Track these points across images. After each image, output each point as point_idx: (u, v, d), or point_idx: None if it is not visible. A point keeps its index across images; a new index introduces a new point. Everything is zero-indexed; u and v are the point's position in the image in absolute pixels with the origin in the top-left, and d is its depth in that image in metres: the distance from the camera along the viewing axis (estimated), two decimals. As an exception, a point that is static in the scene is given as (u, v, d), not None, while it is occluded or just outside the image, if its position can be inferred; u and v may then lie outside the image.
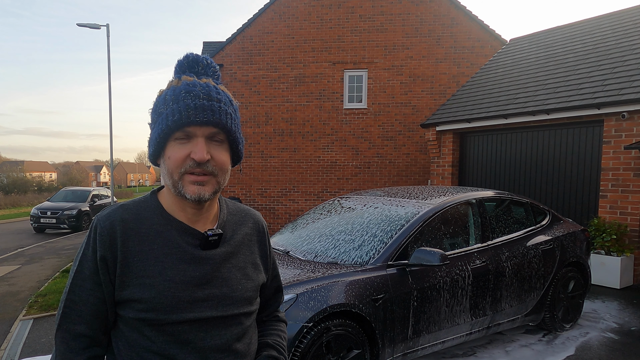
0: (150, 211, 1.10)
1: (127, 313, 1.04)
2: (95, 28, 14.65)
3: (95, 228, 1.06)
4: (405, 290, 3.40)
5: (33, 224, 15.24)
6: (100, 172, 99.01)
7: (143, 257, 1.05)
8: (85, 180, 73.15)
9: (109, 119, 15.01)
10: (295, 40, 12.61)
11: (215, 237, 1.09)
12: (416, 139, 12.40)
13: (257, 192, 13.00)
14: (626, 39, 8.13)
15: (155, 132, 1.05)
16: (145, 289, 1.03)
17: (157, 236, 1.07)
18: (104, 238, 1.04)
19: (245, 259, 1.18)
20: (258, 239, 1.25)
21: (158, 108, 1.05)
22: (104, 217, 1.07)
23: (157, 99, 1.07)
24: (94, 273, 1.04)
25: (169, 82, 1.08)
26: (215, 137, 1.05)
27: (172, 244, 1.07)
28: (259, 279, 1.21)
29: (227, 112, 1.05)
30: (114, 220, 1.06)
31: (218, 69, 1.13)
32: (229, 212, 1.22)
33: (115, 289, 1.04)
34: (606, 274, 6.43)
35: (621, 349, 4.25)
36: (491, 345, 4.34)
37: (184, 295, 1.04)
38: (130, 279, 1.04)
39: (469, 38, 12.16)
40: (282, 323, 1.36)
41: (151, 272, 1.04)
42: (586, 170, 7.52)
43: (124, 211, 1.08)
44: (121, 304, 1.05)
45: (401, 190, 4.71)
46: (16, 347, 4.71)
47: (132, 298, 1.03)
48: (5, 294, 7.07)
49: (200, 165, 1.02)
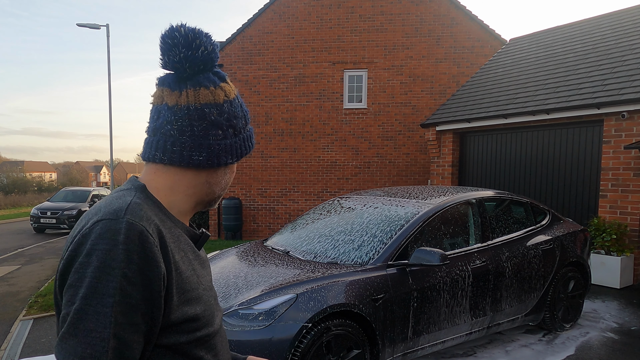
0: (162, 211, 0.90)
1: (179, 338, 0.84)
2: (95, 28, 14.65)
3: (141, 234, 0.77)
4: (405, 290, 3.40)
5: (33, 224, 15.24)
6: (100, 172, 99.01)
7: (184, 265, 0.88)
8: (85, 180, 73.12)
9: (109, 119, 15.01)
10: (295, 40, 12.61)
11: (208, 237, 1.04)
12: (416, 139, 12.40)
13: (257, 192, 13.00)
14: (626, 38, 8.13)
15: (239, 146, 0.98)
16: (195, 302, 0.88)
17: (180, 239, 0.90)
18: (155, 248, 0.79)
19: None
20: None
21: (237, 114, 0.99)
22: (140, 219, 0.80)
23: (235, 100, 0.99)
24: (154, 297, 0.78)
25: (230, 84, 1.01)
26: None
27: (189, 248, 0.94)
28: None
29: None
30: (152, 222, 0.82)
31: None
32: None
33: (173, 309, 0.82)
34: (606, 274, 6.43)
35: (621, 349, 4.25)
36: (491, 345, 4.34)
37: (213, 302, 0.96)
38: (186, 291, 0.86)
39: (469, 38, 12.16)
40: None
41: (194, 282, 0.89)
42: (586, 170, 7.52)
43: (148, 210, 0.84)
44: (170, 328, 0.83)
45: (401, 190, 4.71)
46: (16, 347, 4.71)
47: (187, 317, 0.85)
48: (5, 294, 7.07)
49: None
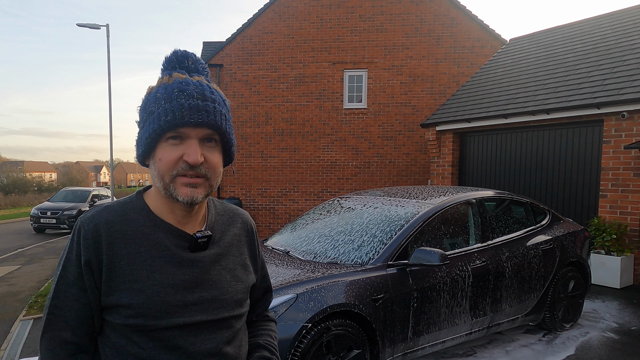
0: (137, 212, 1.06)
1: (115, 319, 1.00)
2: (95, 28, 14.65)
3: (79, 231, 1.01)
4: (406, 290, 3.40)
5: (33, 224, 15.23)
6: (100, 172, 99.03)
7: (130, 260, 1.00)
8: (85, 180, 73.17)
9: (109, 119, 15.01)
10: (295, 40, 12.61)
11: (205, 239, 1.07)
12: (416, 139, 12.39)
13: (257, 192, 13.00)
14: (626, 38, 8.12)
15: (145, 132, 1.00)
16: (133, 294, 0.99)
17: (145, 238, 1.03)
18: (88, 241, 1.00)
19: (235, 260, 1.15)
20: (247, 239, 1.23)
21: (148, 106, 0.99)
22: (88, 219, 1.02)
23: (146, 96, 1.01)
24: (79, 278, 1.00)
25: (158, 79, 1.03)
26: (208, 139, 1.02)
27: (160, 247, 1.03)
28: (248, 280, 1.18)
29: (221, 112, 1.01)
30: (99, 222, 1.02)
31: (206, 66, 1.09)
32: (217, 212, 1.19)
33: (102, 294, 1.00)
34: (606, 274, 6.43)
35: (621, 349, 4.25)
36: (491, 345, 4.34)
37: (174, 300, 1.01)
38: (117, 283, 1.00)
39: (469, 38, 12.16)
40: (272, 323, 1.34)
41: (139, 276, 1.00)
42: (586, 170, 7.52)
43: (108, 213, 1.04)
44: (108, 310, 1.01)
45: (401, 190, 4.71)
46: (16, 347, 4.71)
47: (119, 304, 0.99)
48: (5, 294, 7.07)
49: (193, 167, 0.98)
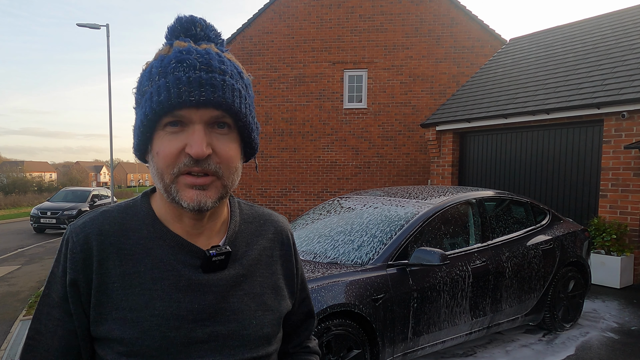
0: (139, 220, 0.83)
1: (106, 354, 0.79)
2: (95, 28, 14.65)
3: (67, 241, 0.80)
4: (406, 290, 3.40)
5: (33, 224, 15.23)
6: (100, 172, 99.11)
7: (125, 282, 0.79)
8: (85, 180, 73.21)
9: (109, 119, 15.01)
10: (295, 40, 12.61)
11: (222, 257, 0.82)
12: (416, 138, 12.39)
13: (257, 192, 13.00)
14: (626, 38, 8.13)
15: (138, 119, 0.77)
16: (126, 325, 0.77)
17: (145, 255, 0.80)
18: (75, 256, 0.78)
19: (264, 283, 0.89)
20: (281, 253, 0.95)
21: (142, 86, 0.77)
22: (78, 227, 0.81)
23: (141, 73, 0.78)
24: (64, 300, 0.79)
25: (157, 51, 0.80)
26: (219, 123, 0.77)
27: (163, 266, 0.80)
28: (281, 308, 0.91)
29: (233, 87, 0.75)
30: (90, 232, 0.80)
31: (221, 34, 0.83)
32: (244, 219, 0.92)
33: (90, 322, 0.79)
34: (606, 274, 6.43)
35: (621, 349, 4.25)
36: (491, 345, 4.34)
37: (178, 335, 0.78)
38: (108, 311, 0.78)
39: (469, 38, 12.16)
40: (315, 356, 1.05)
41: (135, 304, 0.78)
42: (586, 170, 7.52)
43: (104, 220, 0.82)
44: (98, 341, 0.80)
45: (401, 190, 4.71)
46: (16, 347, 4.71)
47: (109, 337, 0.78)
48: (5, 294, 7.07)
49: (198, 162, 0.74)
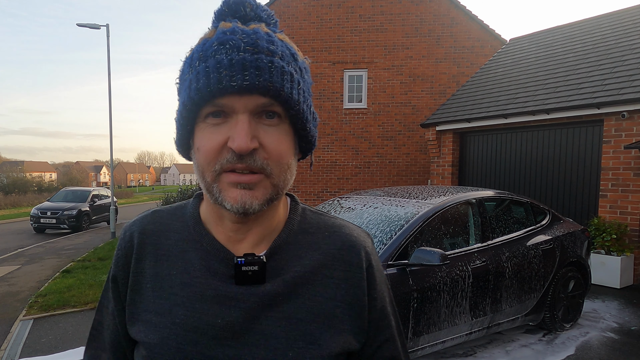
0: (184, 221, 0.78)
1: (136, 357, 0.76)
2: (95, 28, 14.63)
3: (118, 239, 0.83)
4: (405, 290, 3.40)
5: (33, 224, 15.23)
6: (100, 172, 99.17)
7: (157, 284, 0.74)
8: (85, 180, 73.25)
9: (109, 119, 15.00)
10: (295, 40, 12.50)
11: (254, 267, 0.70)
12: (416, 138, 12.40)
13: (257, 192, 13.00)
14: (626, 38, 8.13)
15: (177, 110, 0.70)
16: (150, 329, 0.71)
17: (179, 257, 0.74)
18: (119, 252, 0.79)
19: (313, 309, 0.72)
20: (346, 275, 0.75)
21: (183, 74, 0.69)
22: (129, 225, 0.82)
23: (183, 61, 0.70)
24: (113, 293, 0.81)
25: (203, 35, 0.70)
26: (267, 113, 0.66)
27: (194, 271, 0.72)
28: (333, 345, 0.71)
29: (284, 70, 0.64)
30: (134, 230, 0.80)
31: (274, 14, 0.73)
32: (303, 228, 0.78)
33: (126, 320, 0.76)
34: (606, 274, 6.43)
35: (621, 349, 4.25)
36: (491, 345, 4.34)
37: (194, 351, 0.68)
38: (139, 311, 0.74)
39: (469, 38, 12.17)
40: None
41: (161, 308, 0.72)
42: (586, 170, 7.52)
43: (150, 219, 0.81)
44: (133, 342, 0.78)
45: (401, 190, 4.71)
46: (16, 347, 4.71)
47: (138, 339, 0.73)
48: (5, 294, 7.07)
49: (242, 158, 0.64)
